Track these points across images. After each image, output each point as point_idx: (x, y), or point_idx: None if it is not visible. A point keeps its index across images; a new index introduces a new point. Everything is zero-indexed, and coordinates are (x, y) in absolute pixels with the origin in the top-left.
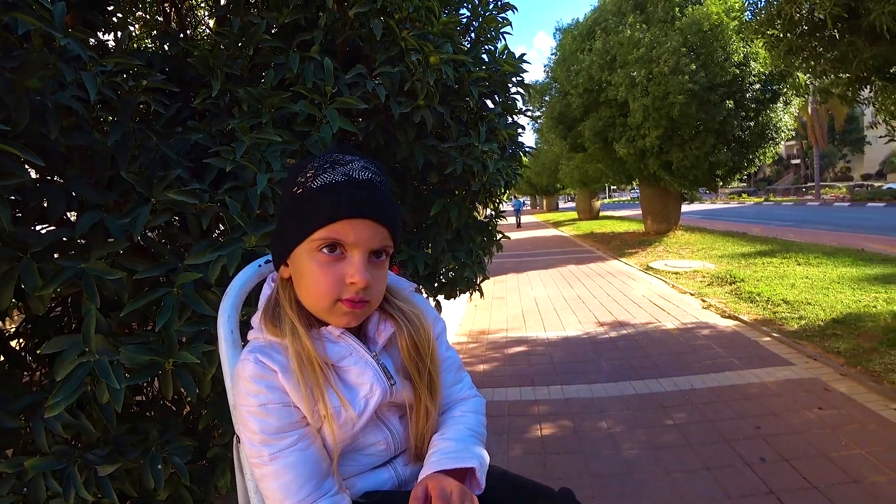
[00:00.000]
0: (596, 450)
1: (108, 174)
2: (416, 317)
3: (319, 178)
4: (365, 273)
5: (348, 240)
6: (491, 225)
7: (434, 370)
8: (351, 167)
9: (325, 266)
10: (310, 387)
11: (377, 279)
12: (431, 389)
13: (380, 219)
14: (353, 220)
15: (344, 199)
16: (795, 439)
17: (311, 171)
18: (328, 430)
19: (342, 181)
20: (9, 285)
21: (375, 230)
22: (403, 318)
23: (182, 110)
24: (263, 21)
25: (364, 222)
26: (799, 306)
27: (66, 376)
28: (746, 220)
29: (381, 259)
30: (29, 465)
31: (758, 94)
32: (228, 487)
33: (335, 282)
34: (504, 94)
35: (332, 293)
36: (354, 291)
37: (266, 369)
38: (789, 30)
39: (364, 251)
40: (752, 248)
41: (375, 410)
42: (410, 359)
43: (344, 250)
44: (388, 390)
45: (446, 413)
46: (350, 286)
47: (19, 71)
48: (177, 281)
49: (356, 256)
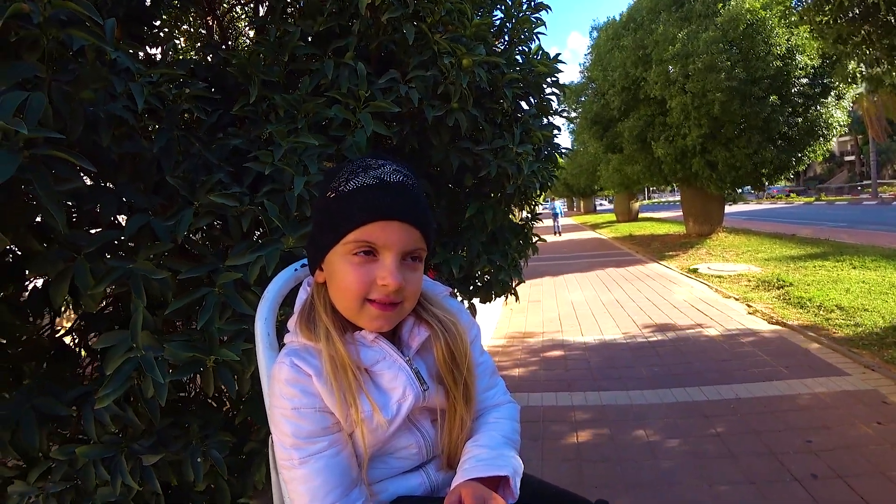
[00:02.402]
0: (634, 458)
1: (154, 179)
2: (453, 324)
3: (352, 182)
4: (397, 275)
5: (380, 242)
6: (527, 228)
7: (469, 378)
8: (383, 171)
9: (358, 266)
10: (343, 391)
11: (410, 282)
12: (466, 398)
13: (411, 221)
14: (384, 223)
15: (375, 202)
16: (850, 455)
17: (344, 176)
18: (359, 434)
19: (374, 184)
20: (63, 284)
21: (407, 232)
22: (440, 325)
23: (223, 117)
24: (298, 29)
25: (395, 224)
26: (854, 312)
27: (115, 370)
28: (795, 220)
29: (415, 262)
30: (80, 452)
31: (805, 88)
32: (264, 482)
33: (366, 281)
34: (538, 95)
35: (361, 292)
36: (385, 293)
37: (301, 373)
38: (839, 15)
39: (396, 253)
40: (801, 251)
41: (408, 415)
42: (446, 366)
43: (376, 253)
44: (420, 395)
45: (480, 419)
46: (381, 287)
47: (74, 84)
48: (218, 281)
49: (388, 258)
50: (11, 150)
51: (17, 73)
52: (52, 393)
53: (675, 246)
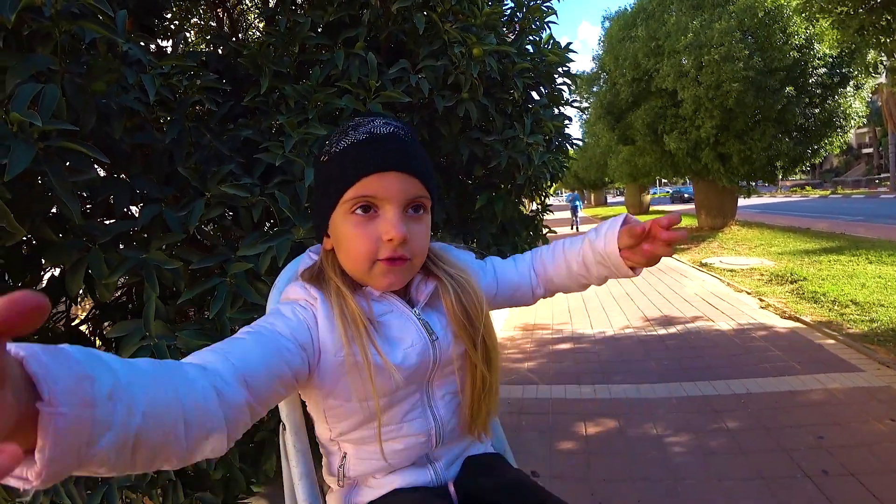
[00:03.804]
0: (642, 452)
1: (165, 170)
2: (466, 281)
3: (343, 142)
4: (401, 227)
5: (378, 195)
6: (537, 219)
7: (489, 338)
8: (373, 125)
9: (360, 226)
10: (350, 337)
11: (416, 234)
12: (487, 359)
13: (408, 169)
14: (380, 175)
15: (368, 155)
16: (863, 452)
17: (335, 138)
18: (368, 376)
19: (364, 139)
20: (79, 273)
21: (405, 181)
22: (451, 279)
23: (233, 108)
24: (308, 19)
25: (392, 175)
26: (870, 308)
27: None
28: (810, 214)
29: (419, 214)
30: None
31: (824, 78)
32: (274, 471)
33: (372, 241)
34: (549, 84)
35: (370, 253)
36: (392, 248)
37: (308, 294)
38: (861, 4)
39: (397, 205)
40: (816, 245)
41: (428, 381)
42: (460, 324)
43: (377, 208)
44: (428, 344)
45: (545, 270)
46: (387, 243)
47: (86, 76)
48: (229, 271)
49: (389, 212)
50: (26, 141)
51: (30, 65)
52: None
53: (687, 239)
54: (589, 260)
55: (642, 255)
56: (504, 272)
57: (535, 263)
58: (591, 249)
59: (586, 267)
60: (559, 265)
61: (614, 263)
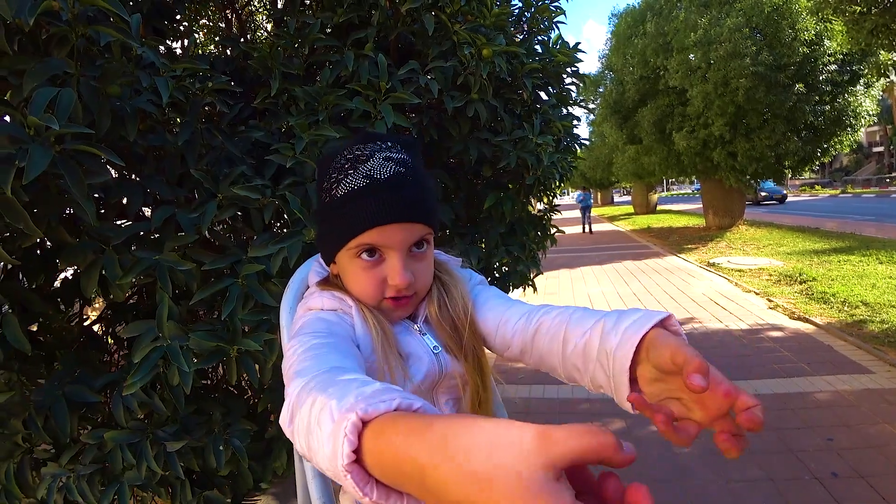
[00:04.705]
0: (648, 452)
1: (177, 172)
2: (446, 284)
3: (342, 186)
4: (404, 275)
5: (380, 244)
6: (545, 219)
7: (477, 344)
8: (372, 164)
9: (367, 270)
10: (381, 345)
11: (420, 272)
12: (477, 366)
13: (409, 218)
14: (380, 228)
15: (368, 210)
16: (873, 454)
17: (334, 176)
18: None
19: (364, 186)
20: (93, 275)
21: (407, 230)
22: (438, 285)
23: (243, 109)
24: (318, 21)
25: (393, 226)
26: (881, 309)
27: (143, 359)
28: (820, 214)
29: (423, 250)
30: (108, 436)
31: (834, 75)
32: (284, 468)
33: (378, 283)
34: (558, 84)
35: (377, 293)
36: (397, 291)
37: (343, 303)
38: (874, 4)
39: (400, 251)
40: (825, 245)
41: (433, 391)
42: (444, 330)
43: (381, 253)
44: (434, 361)
45: (537, 328)
46: (391, 287)
47: (101, 79)
48: (241, 272)
49: (393, 258)
50: (43, 145)
51: (47, 69)
52: (82, 381)
53: (695, 239)
54: (590, 351)
55: (667, 412)
56: (485, 309)
57: (535, 313)
58: (600, 339)
59: (583, 358)
60: (557, 335)
61: (616, 379)
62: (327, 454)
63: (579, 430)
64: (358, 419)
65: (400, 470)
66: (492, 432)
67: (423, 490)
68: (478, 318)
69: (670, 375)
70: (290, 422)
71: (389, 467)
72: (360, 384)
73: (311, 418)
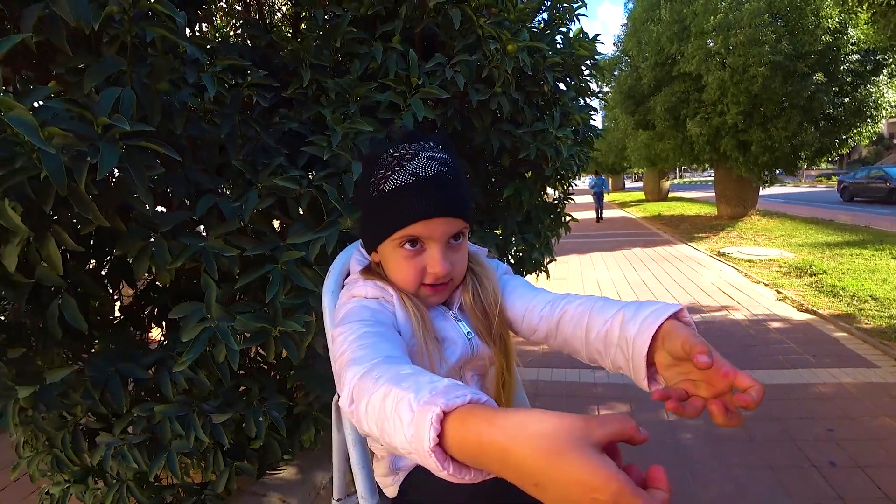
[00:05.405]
0: (652, 436)
1: (217, 162)
2: (479, 275)
3: (390, 181)
4: (444, 264)
5: (424, 235)
6: (559, 207)
7: (504, 330)
8: (417, 163)
9: (408, 259)
10: (420, 329)
11: (456, 262)
12: (504, 350)
13: (451, 213)
14: (425, 221)
15: (415, 203)
16: (873, 447)
17: (382, 172)
18: (429, 365)
19: (411, 183)
20: (145, 260)
21: (448, 223)
22: (472, 276)
23: (273, 99)
24: (348, 14)
25: (437, 220)
26: (889, 304)
27: (194, 338)
28: (835, 206)
29: (459, 242)
30: (158, 410)
31: (856, 65)
32: (311, 441)
33: (418, 271)
34: (577, 76)
35: (417, 280)
36: (436, 278)
37: (385, 292)
38: None
39: (441, 243)
40: (838, 238)
41: (460, 370)
42: (476, 317)
43: (423, 244)
44: (467, 344)
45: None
46: (431, 274)
47: (151, 76)
48: (281, 259)
49: (434, 249)
50: (111, 142)
51: (104, 68)
52: (131, 359)
53: (706, 227)
54: (611, 338)
55: (678, 395)
56: (513, 297)
57: (559, 301)
58: (620, 328)
59: (605, 343)
60: (580, 322)
61: (635, 363)
62: (408, 437)
63: (612, 419)
64: (441, 411)
65: (482, 451)
66: (553, 420)
67: (505, 466)
68: (506, 306)
69: (683, 361)
70: (351, 403)
71: (472, 449)
72: (429, 380)
73: (386, 407)
